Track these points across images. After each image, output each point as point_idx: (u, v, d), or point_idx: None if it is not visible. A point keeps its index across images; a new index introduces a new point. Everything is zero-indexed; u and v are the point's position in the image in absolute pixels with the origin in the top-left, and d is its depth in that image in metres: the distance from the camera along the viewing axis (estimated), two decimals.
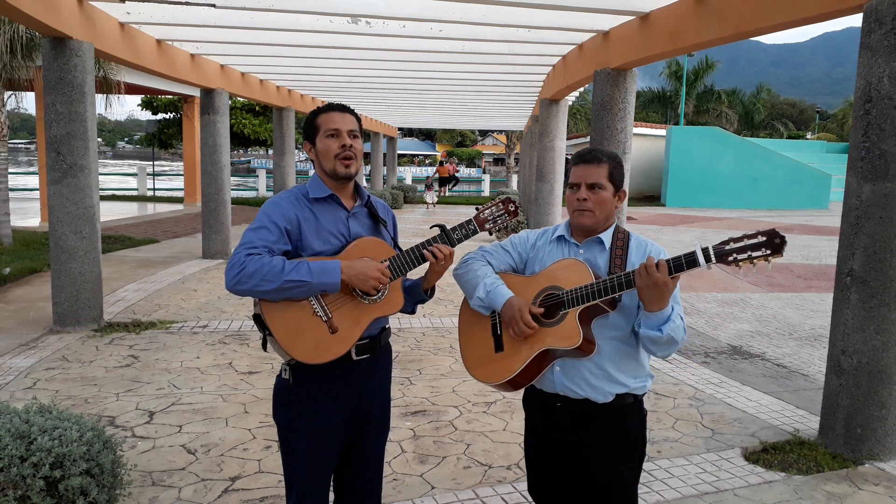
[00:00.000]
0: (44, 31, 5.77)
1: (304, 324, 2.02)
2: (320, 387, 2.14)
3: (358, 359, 2.15)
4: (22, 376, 4.92)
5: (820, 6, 4.03)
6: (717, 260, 1.83)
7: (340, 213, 2.18)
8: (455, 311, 7.36)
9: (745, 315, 7.94)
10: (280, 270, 1.96)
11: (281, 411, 2.20)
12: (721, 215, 22.78)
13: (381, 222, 2.28)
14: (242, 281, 1.96)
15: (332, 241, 2.13)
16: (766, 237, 1.80)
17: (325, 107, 2.18)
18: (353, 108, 2.22)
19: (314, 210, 2.14)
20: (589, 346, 1.99)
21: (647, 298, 1.90)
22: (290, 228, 2.08)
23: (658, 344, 1.96)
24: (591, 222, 2.07)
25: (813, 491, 3.48)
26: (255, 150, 46.62)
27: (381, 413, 2.31)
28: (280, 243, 2.05)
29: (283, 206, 2.11)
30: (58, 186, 6.08)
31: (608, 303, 1.97)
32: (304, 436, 2.14)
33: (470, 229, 2.24)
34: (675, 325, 1.94)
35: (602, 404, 2.05)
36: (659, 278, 1.84)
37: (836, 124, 55.71)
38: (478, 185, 36.57)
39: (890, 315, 3.70)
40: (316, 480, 2.17)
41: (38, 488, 2.30)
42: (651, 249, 2.09)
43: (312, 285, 1.99)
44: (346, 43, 8.21)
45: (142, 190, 24.36)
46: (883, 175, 3.63)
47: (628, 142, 6.65)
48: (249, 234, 2.05)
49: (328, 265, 2.02)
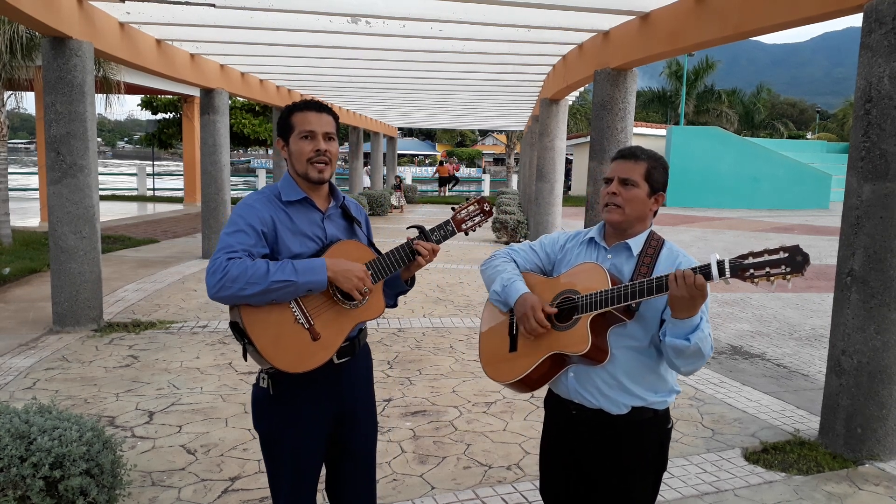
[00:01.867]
0: (44, 30, 5.77)
1: (285, 332, 1.96)
2: (301, 394, 2.08)
3: (339, 362, 2.11)
4: (22, 376, 4.92)
5: (820, 6, 4.02)
6: (732, 274, 1.71)
7: (315, 214, 2.13)
8: (455, 312, 7.36)
9: (746, 315, 7.94)
10: (265, 272, 1.90)
11: (262, 421, 2.14)
12: (721, 215, 22.78)
13: (355, 222, 2.23)
14: (226, 286, 1.88)
15: (308, 243, 2.08)
16: (788, 253, 1.65)
17: (300, 104, 2.09)
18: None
19: (288, 212, 2.08)
20: (599, 354, 1.92)
21: (679, 306, 1.79)
22: (267, 231, 2.02)
23: (684, 356, 1.84)
24: (618, 218, 1.99)
25: (813, 491, 3.48)
26: (255, 150, 46.58)
27: (366, 413, 2.28)
28: (258, 246, 1.99)
29: (257, 208, 2.04)
30: (57, 186, 6.08)
31: (623, 311, 1.90)
32: (288, 443, 2.10)
33: (448, 230, 2.21)
34: (704, 336, 1.82)
35: (617, 416, 1.97)
36: (695, 290, 1.74)
37: (836, 124, 55.70)
38: (478, 184, 36.57)
39: (890, 315, 3.70)
40: (301, 488, 2.14)
41: (38, 488, 2.30)
42: (682, 261, 1.96)
43: (298, 285, 1.93)
44: (346, 43, 8.21)
45: (142, 190, 24.36)
46: (883, 175, 3.62)
47: (628, 142, 6.64)
48: (226, 237, 1.97)
49: (313, 263, 1.97)
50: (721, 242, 15.09)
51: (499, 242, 13.88)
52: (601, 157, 6.67)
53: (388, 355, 5.64)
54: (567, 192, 31.18)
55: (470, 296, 8.25)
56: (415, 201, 25.46)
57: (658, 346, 1.96)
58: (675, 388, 2.06)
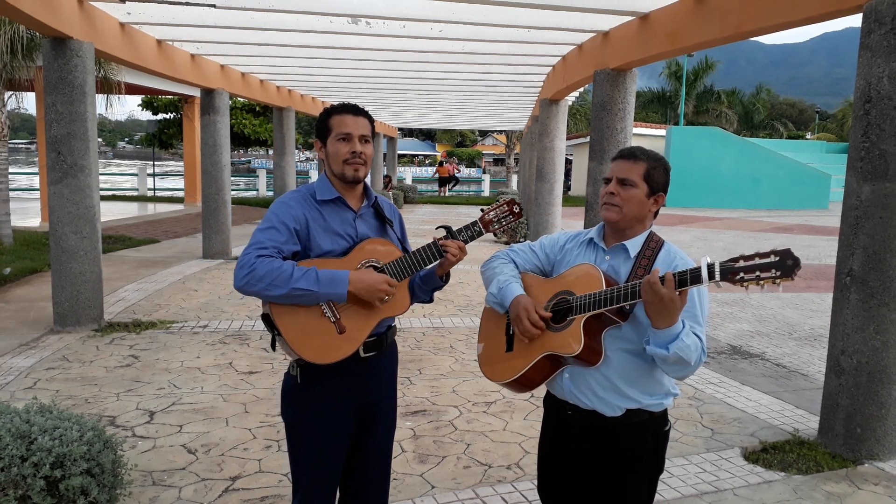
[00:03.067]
0: (44, 31, 5.77)
1: (312, 324, 2.05)
2: (328, 385, 2.16)
3: (365, 356, 2.17)
4: (22, 376, 4.92)
5: (820, 6, 4.03)
6: (723, 278, 1.70)
7: (347, 214, 2.20)
8: (455, 312, 7.37)
9: (745, 315, 7.94)
10: (289, 277, 1.98)
11: (289, 409, 2.22)
12: (721, 215, 22.78)
13: (387, 222, 2.29)
14: (251, 283, 1.98)
15: (339, 241, 2.16)
16: (778, 257, 1.66)
17: (338, 107, 2.18)
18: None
19: (321, 210, 2.16)
20: (593, 356, 1.92)
21: (654, 314, 1.78)
22: (300, 228, 2.11)
23: (666, 363, 1.84)
24: (615, 217, 1.99)
25: (813, 491, 3.48)
26: (255, 150, 46.60)
27: (388, 409, 2.34)
28: (289, 243, 2.08)
29: (291, 206, 2.13)
30: (58, 186, 6.08)
31: (617, 313, 1.90)
32: (312, 433, 2.16)
33: (476, 231, 2.23)
34: (685, 345, 1.79)
35: (611, 418, 1.98)
36: (665, 294, 1.73)
37: (835, 124, 55.72)
38: (478, 185, 36.57)
39: (889, 315, 3.71)
40: (322, 477, 2.19)
41: (39, 488, 2.30)
42: (678, 263, 1.94)
43: (319, 295, 2.01)
44: (346, 43, 8.21)
45: (142, 190, 24.37)
46: (883, 175, 3.63)
47: (628, 142, 6.65)
48: (259, 234, 2.07)
49: (337, 275, 2.03)
50: (721, 243, 15.09)
51: (499, 242, 13.90)
52: (601, 158, 6.68)
53: None
54: (567, 192, 31.17)
55: (470, 296, 8.25)
56: (415, 201, 25.46)
57: None
58: (673, 390, 2.05)
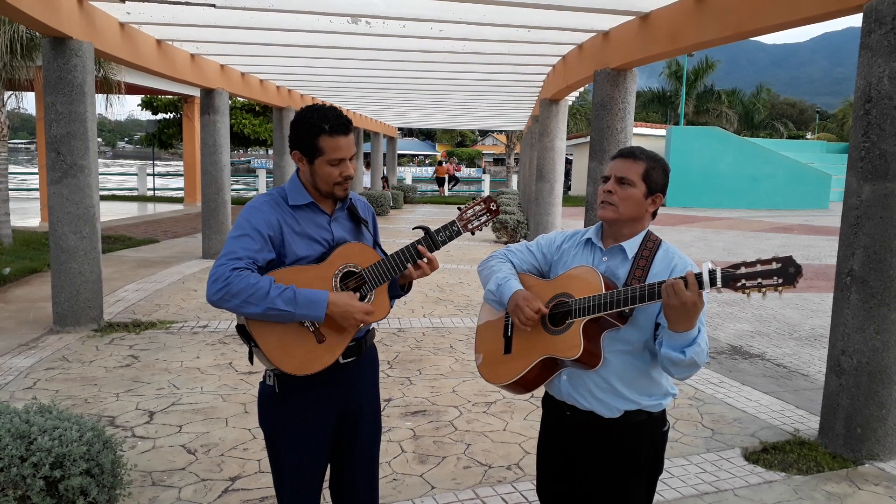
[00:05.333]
0: (44, 31, 5.77)
1: (290, 334, 1.98)
2: (307, 392, 2.10)
3: (345, 362, 2.12)
4: (22, 376, 4.92)
5: (820, 6, 4.02)
6: (724, 285, 1.69)
7: (321, 217, 2.13)
8: (455, 312, 7.36)
9: (745, 315, 7.94)
10: (265, 295, 1.90)
11: (266, 418, 2.16)
12: (721, 215, 22.78)
13: (362, 222, 2.23)
14: (226, 299, 1.90)
15: (315, 246, 2.09)
16: (780, 264, 1.64)
17: (328, 127, 2.00)
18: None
19: (295, 215, 2.08)
20: (592, 360, 1.91)
21: (673, 318, 1.76)
22: (273, 234, 2.02)
23: (678, 366, 1.83)
24: (612, 216, 1.98)
25: (813, 491, 3.48)
26: (255, 150, 46.61)
27: (372, 413, 2.29)
28: (264, 251, 2.00)
29: (264, 212, 2.04)
30: (58, 186, 6.08)
31: (616, 316, 1.89)
32: (292, 442, 2.11)
33: (454, 230, 2.17)
34: (700, 349, 1.80)
35: (609, 419, 1.97)
36: (688, 298, 1.70)
37: (836, 124, 55.71)
38: (478, 185, 36.57)
39: (890, 315, 3.70)
40: (305, 486, 2.14)
41: (38, 488, 2.30)
42: (677, 263, 1.94)
43: (295, 315, 1.94)
44: (346, 43, 8.21)
45: (142, 190, 24.36)
46: (883, 175, 3.63)
47: (628, 142, 6.65)
48: (232, 242, 1.98)
49: (315, 298, 1.95)
50: (721, 242, 15.09)
51: (498, 242, 13.89)
52: (601, 158, 6.68)
53: (388, 355, 5.64)
54: (567, 192, 31.19)
55: (470, 296, 8.25)
56: (414, 201, 25.45)
57: (652, 349, 1.96)
58: (671, 390, 2.04)
